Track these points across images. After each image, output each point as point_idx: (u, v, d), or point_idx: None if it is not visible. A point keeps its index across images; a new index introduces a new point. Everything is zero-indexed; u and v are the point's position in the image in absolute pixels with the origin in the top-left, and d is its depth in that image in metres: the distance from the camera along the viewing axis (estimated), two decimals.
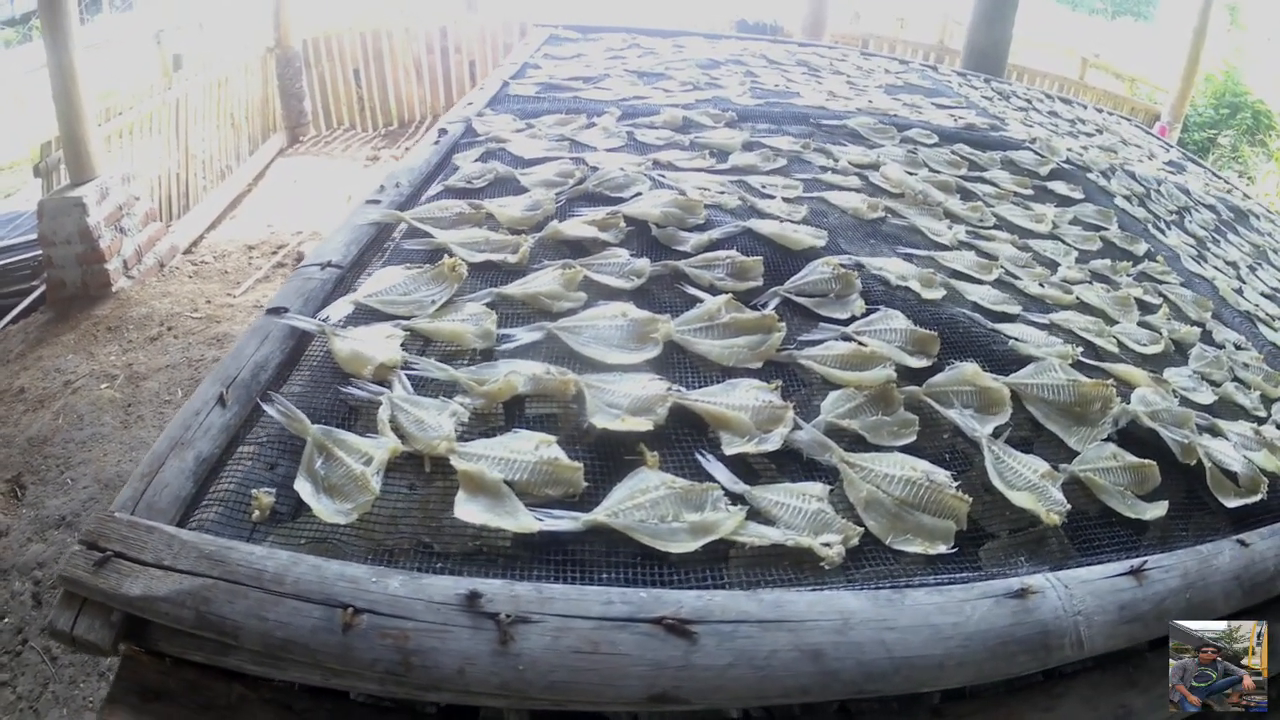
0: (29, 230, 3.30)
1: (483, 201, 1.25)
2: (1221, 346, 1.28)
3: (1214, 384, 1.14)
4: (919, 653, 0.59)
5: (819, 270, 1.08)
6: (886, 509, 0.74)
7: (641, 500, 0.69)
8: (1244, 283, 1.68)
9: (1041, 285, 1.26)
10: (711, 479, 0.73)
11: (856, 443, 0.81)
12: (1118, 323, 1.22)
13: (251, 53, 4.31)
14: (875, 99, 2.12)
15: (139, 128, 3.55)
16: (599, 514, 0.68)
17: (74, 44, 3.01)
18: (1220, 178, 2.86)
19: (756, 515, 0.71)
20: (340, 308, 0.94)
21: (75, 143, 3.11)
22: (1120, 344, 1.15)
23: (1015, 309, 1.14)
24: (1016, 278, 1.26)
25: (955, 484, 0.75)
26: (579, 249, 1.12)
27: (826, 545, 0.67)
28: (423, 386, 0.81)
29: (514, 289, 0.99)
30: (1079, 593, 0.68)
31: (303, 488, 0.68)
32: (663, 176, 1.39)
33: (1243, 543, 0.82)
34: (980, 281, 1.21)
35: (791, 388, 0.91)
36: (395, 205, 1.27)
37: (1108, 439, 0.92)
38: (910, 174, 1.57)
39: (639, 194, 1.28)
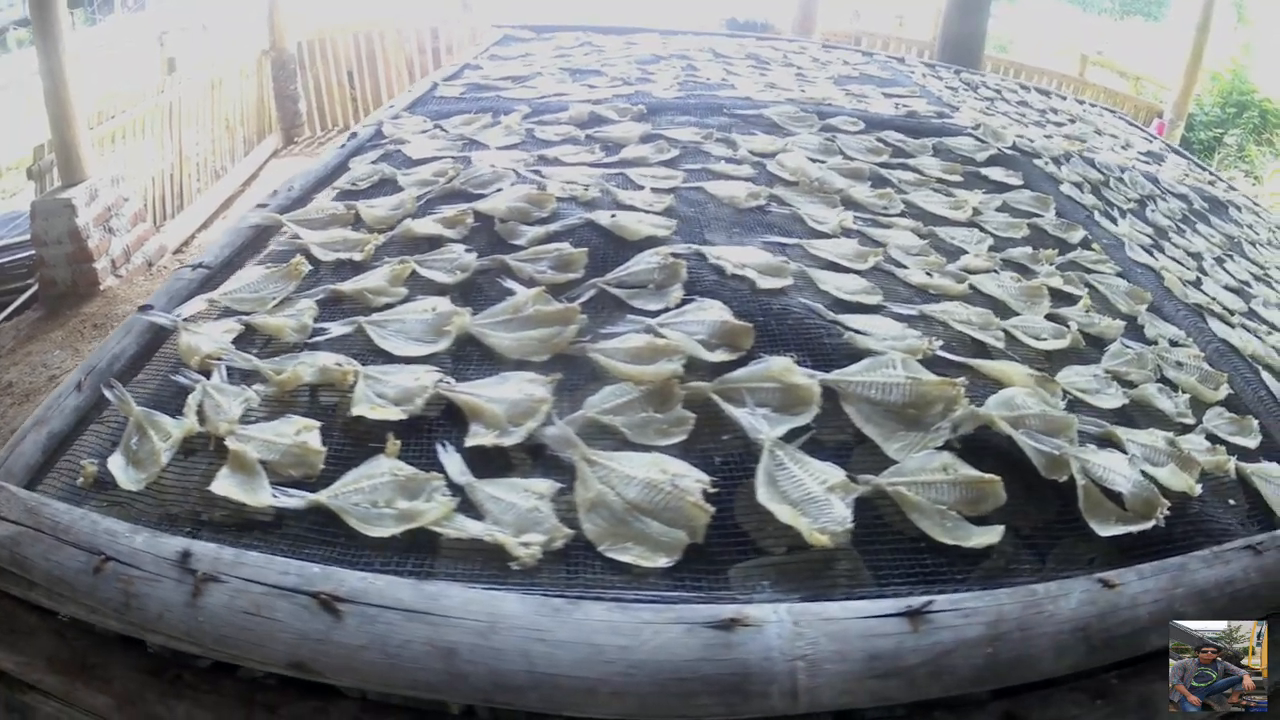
0: (27, 230, 3.52)
1: (356, 202, 1.29)
2: (1154, 342, 1.14)
3: (1129, 385, 1.00)
4: (566, 672, 0.55)
5: (645, 260, 1.03)
6: (614, 512, 0.69)
7: (364, 485, 0.73)
8: (1206, 275, 1.53)
9: (929, 274, 1.13)
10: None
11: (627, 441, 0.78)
12: (1017, 314, 1.09)
13: (247, 55, 4.43)
14: (820, 89, 2.02)
15: (132, 130, 3.67)
16: (322, 495, 0.73)
17: (64, 49, 3.17)
18: (1206, 169, 2.69)
19: (471, 508, 0.71)
20: (194, 305, 1.03)
21: (66, 146, 3.28)
22: (1011, 338, 1.03)
23: (875, 299, 1.03)
24: (903, 266, 1.15)
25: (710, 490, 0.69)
26: (432, 245, 1.13)
27: (524, 545, 0.66)
28: (250, 376, 0.89)
29: (346, 285, 1.04)
30: (811, 633, 0.57)
31: (115, 460, 0.79)
32: (537, 172, 1.36)
33: (1106, 583, 0.66)
34: (850, 270, 1.10)
35: (582, 381, 0.86)
36: (283, 207, 1.33)
37: (945, 447, 0.78)
38: (818, 161, 1.48)
39: (499, 190, 1.26)
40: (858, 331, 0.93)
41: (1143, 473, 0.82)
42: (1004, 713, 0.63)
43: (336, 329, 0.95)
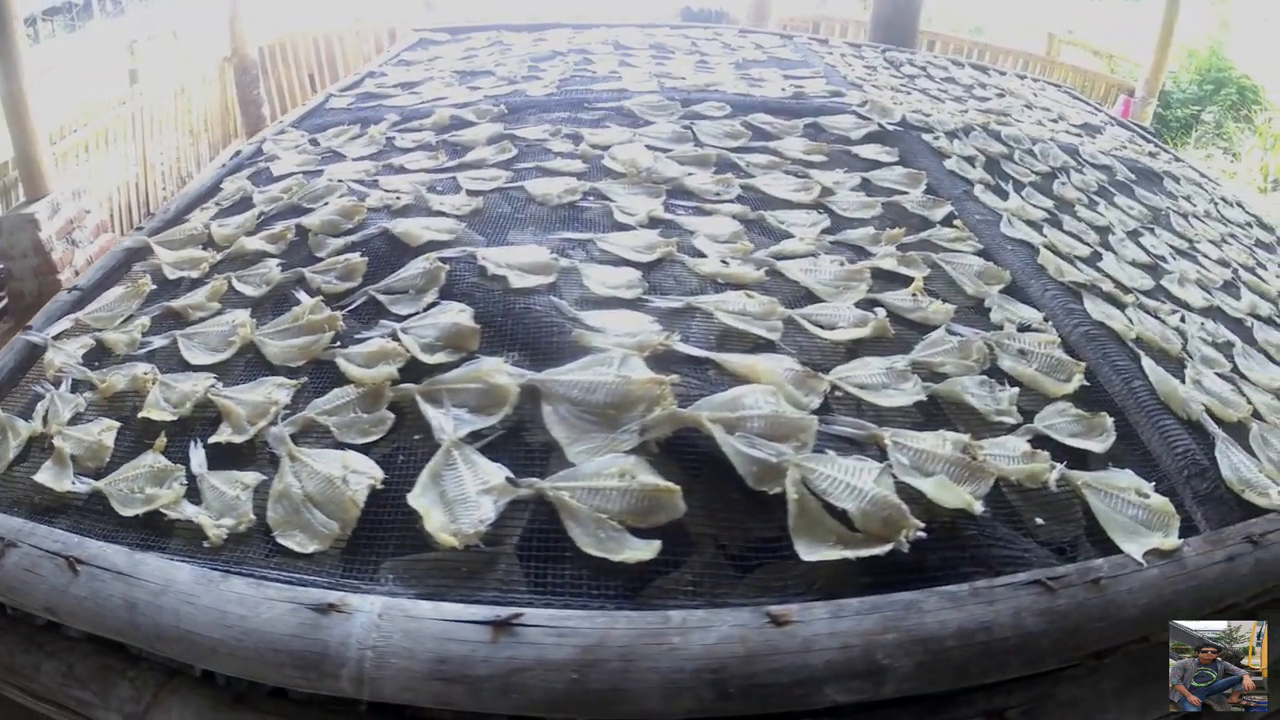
0: None
1: (210, 221, 1.37)
2: (999, 327, 1.03)
3: (935, 378, 0.89)
4: (201, 631, 0.65)
5: (413, 266, 1.04)
6: (293, 502, 0.75)
7: (129, 474, 0.85)
8: (1110, 250, 1.42)
9: (726, 263, 1.05)
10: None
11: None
12: (821, 301, 1.00)
13: (209, 62, 4.47)
14: (714, 76, 1.95)
15: (96, 142, 3.73)
16: (101, 482, 0.85)
17: (23, 68, 3.25)
18: (1153, 141, 2.59)
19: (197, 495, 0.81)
20: (62, 324, 1.16)
21: (28, 162, 3.42)
22: (797, 326, 0.95)
23: (635, 293, 0.98)
24: (702, 255, 1.08)
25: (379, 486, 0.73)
26: (257, 260, 1.20)
27: (219, 527, 0.75)
28: (84, 385, 1.02)
29: (175, 302, 1.14)
30: (389, 627, 0.60)
31: None
32: (375, 183, 1.37)
33: (775, 620, 0.57)
34: (632, 263, 1.05)
35: (331, 385, 0.90)
36: (155, 229, 1.41)
37: (636, 450, 0.73)
38: (664, 150, 1.42)
39: (326, 203, 1.29)
40: (589, 328, 0.89)
41: (900, 485, 0.71)
42: None
43: (157, 341, 1.06)
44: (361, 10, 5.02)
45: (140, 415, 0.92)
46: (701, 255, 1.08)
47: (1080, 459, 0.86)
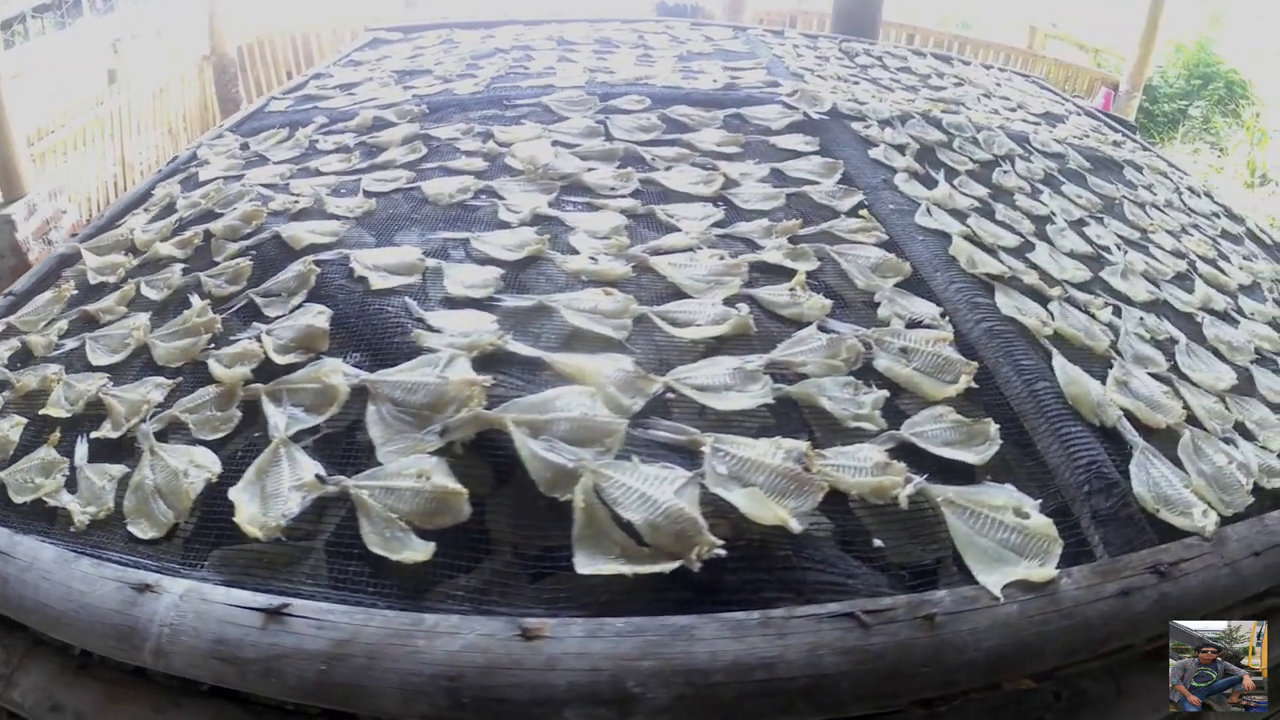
0: None
1: (135, 227, 1.40)
2: (885, 323, 0.98)
3: (788, 382, 0.83)
4: (50, 603, 0.71)
5: (290, 269, 1.06)
6: (144, 493, 0.81)
7: (25, 466, 0.91)
8: (1046, 240, 1.36)
9: (594, 260, 1.02)
10: None
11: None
12: (687, 298, 0.96)
13: (189, 61, 4.55)
14: (651, 70, 1.92)
15: (74, 142, 3.78)
16: (3, 474, 0.91)
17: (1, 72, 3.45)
18: (1120, 130, 2.54)
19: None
20: None
21: (5, 163, 3.51)
22: (649, 325, 0.91)
23: (485, 292, 0.96)
24: (575, 252, 1.05)
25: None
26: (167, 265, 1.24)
27: (84, 514, 0.82)
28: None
29: (90, 306, 1.18)
30: (186, 607, 0.65)
31: None
32: (286, 186, 1.38)
33: (527, 634, 0.55)
34: (497, 262, 1.03)
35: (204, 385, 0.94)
36: (88, 235, 1.45)
37: (440, 451, 0.72)
38: (571, 146, 1.40)
39: (235, 209, 1.31)
40: (429, 329, 0.88)
41: (708, 495, 0.66)
42: None
43: (70, 344, 1.11)
44: (340, 8, 5.06)
45: (40, 412, 0.98)
46: (574, 252, 1.05)
47: (966, 472, 0.79)
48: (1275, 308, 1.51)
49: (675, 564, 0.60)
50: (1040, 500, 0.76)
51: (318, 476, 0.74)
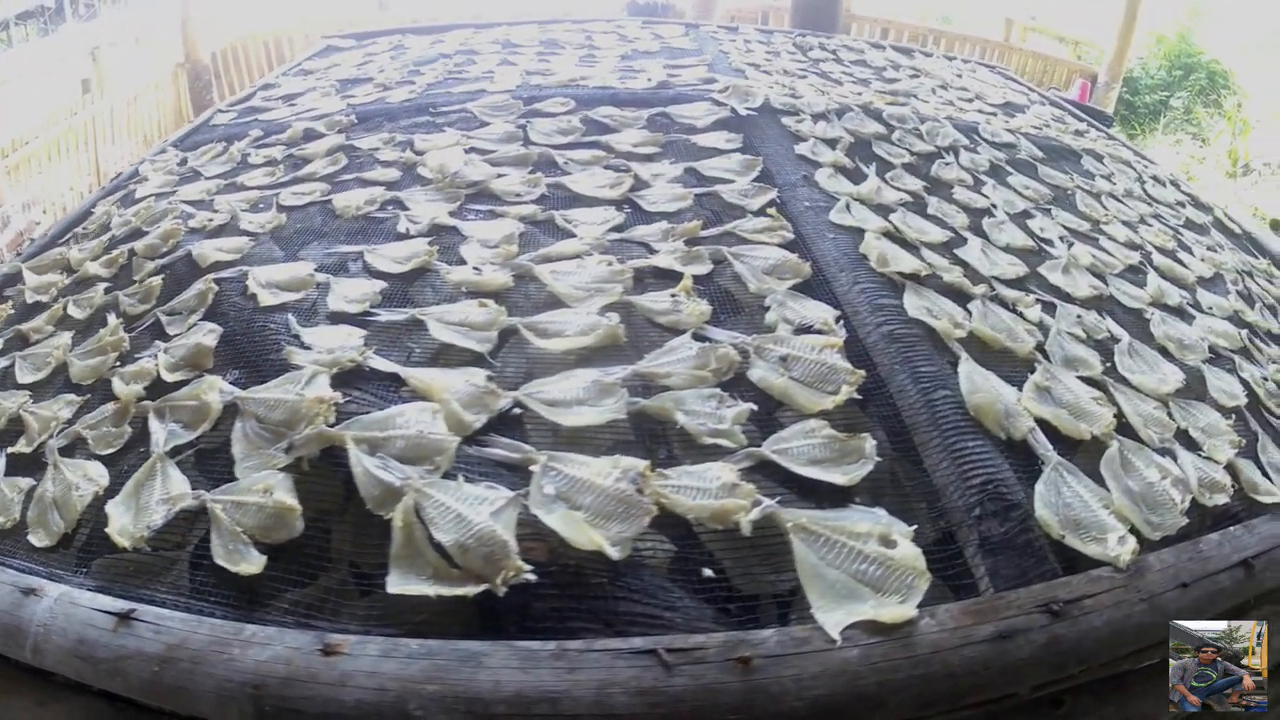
0: None
1: (70, 245, 1.46)
2: (772, 329, 0.94)
3: (662, 389, 0.81)
4: None
5: (194, 288, 1.09)
6: (44, 505, 0.86)
7: None
8: (981, 235, 1.33)
9: (478, 270, 1.02)
10: None
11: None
12: (565, 307, 0.95)
13: (163, 69, 4.62)
14: (591, 71, 1.93)
15: (49, 153, 3.85)
16: None
17: None
18: (1085, 119, 2.50)
19: None
20: None
21: None
22: (514, 338, 0.90)
23: (362, 306, 0.97)
24: (461, 263, 1.05)
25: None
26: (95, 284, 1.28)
27: None
28: None
29: (23, 325, 1.23)
30: (59, 611, 0.69)
31: None
32: (211, 202, 1.41)
33: (328, 649, 0.56)
34: (386, 275, 1.05)
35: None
36: (33, 253, 1.50)
37: (291, 467, 0.74)
38: (485, 152, 1.41)
39: (159, 227, 1.35)
40: (301, 346, 0.90)
41: (529, 518, 0.65)
42: None
43: (1, 362, 1.15)
44: (313, 11, 5.09)
45: None
46: (460, 264, 1.05)
47: (841, 494, 0.73)
48: (1238, 301, 1.45)
49: (481, 588, 0.59)
50: (916, 526, 0.69)
51: (186, 491, 0.78)
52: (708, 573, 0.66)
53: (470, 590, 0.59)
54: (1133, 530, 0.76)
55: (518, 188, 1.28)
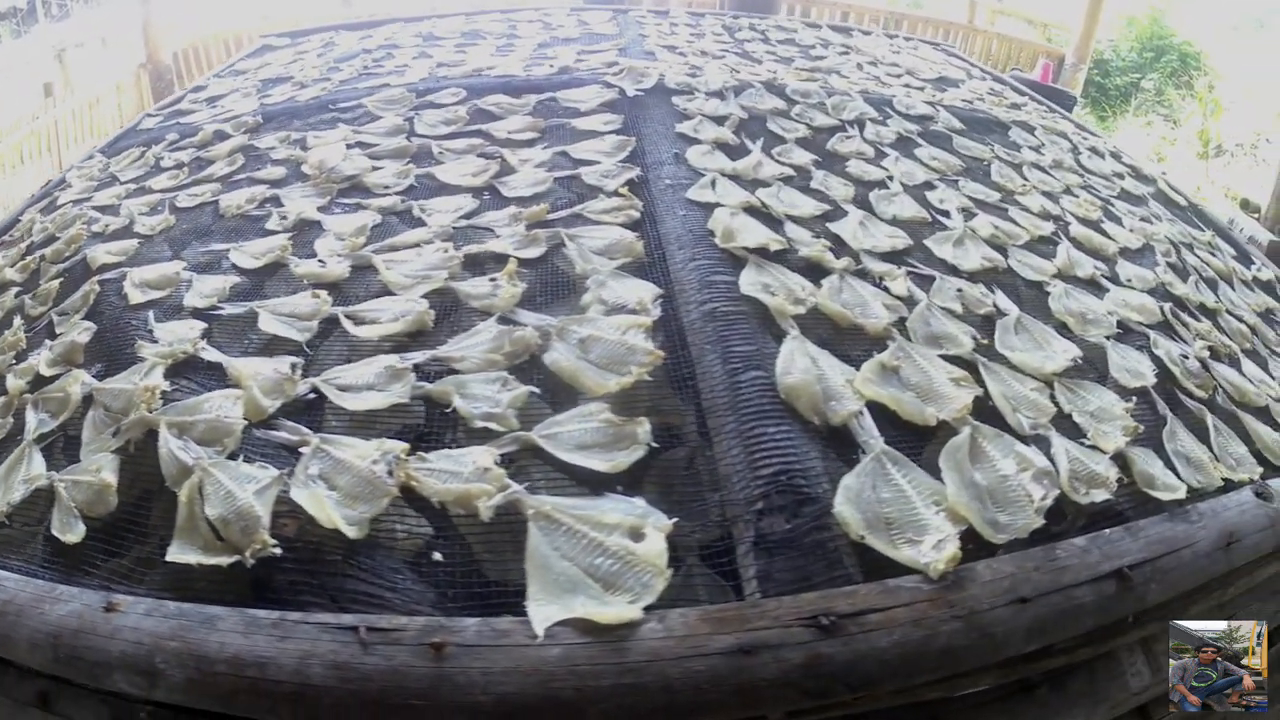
0: None
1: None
2: (584, 309, 0.96)
3: (453, 373, 0.87)
4: None
5: (81, 290, 1.18)
6: None
7: None
8: (868, 208, 1.33)
9: (322, 263, 1.10)
10: None
11: None
12: (392, 295, 1.01)
13: (124, 71, 4.74)
14: (503, 60, 2.00)
15: (11, 160, 3.99)
16: None
17: None
18: (1026, 93, 2.39)
19: None
20: None
21: None
22: (335, 327, 0.96)
23: (209, 301, 1.06)
24: (321, 262, 1.12)
25: None
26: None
27: None
28: None
29: None
30: None
31: None
32: (117, 207, 1.51)
33: (110, 606, 0.66)
34: (248, 271, 1.13)
35: None
36: None
37: (121, 449, 0.81)
38: (367, 147, 1.49)
39: (67, 232, 1.45)
40: (152, 340, 0.98)
41: (285, 501, 0.71)
42: None
43: None
44: (275, 9, 5.17)
45: None
46: (309, 257, 1.13)
47: (626, 480, 0.71)
48: (1168, 273, 1.41)
49: (234, 558, 0.67)
50: (677, 519, 0.66)
51: (48, 476, 0.87)
52: (436, 556, 0.68)
53: (224, 561, 0.67)
54: (971, 532, 0.67)
55: (389, 180, 1.36)
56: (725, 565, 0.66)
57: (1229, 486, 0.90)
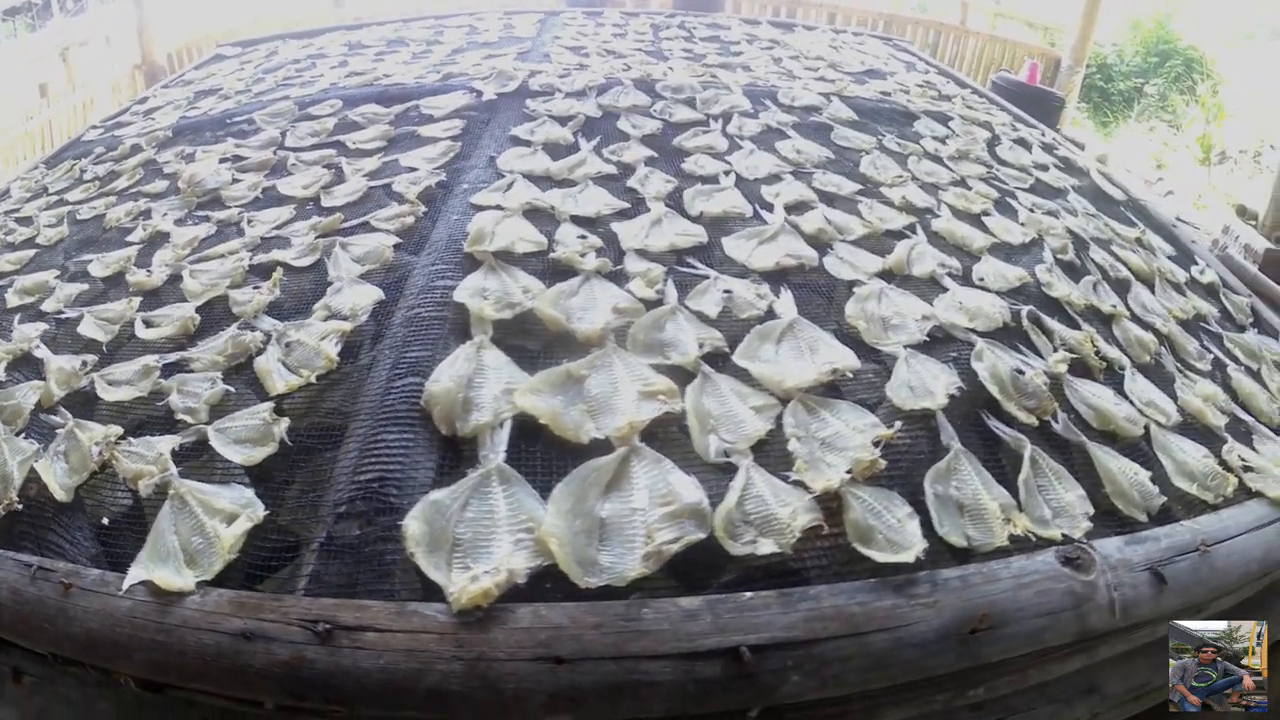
0: None
1: None
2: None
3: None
4: None
5: None
6: None
7: None
8: (676, 206, 1.35)
9: (150, 273, 1.31)
10: None
11: None
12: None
13: (119, 71, 5.04)
14: (410, 68, 2.19)
15: (4, 160, 4.13)
16: None
17: None
18: (970, 85, 2.49)
19: None
20: None
21: None
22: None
23: (58, 306, 1.29)
24: (149, 272, 1.33)
25: None
26: None
27: None
28: None
29: None
30: None
31: None
32: (31, 220, 1.74)
33: None
34: (100, 279, 1.36)
35: None
36: None
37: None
38: (238, 160, 1.68)
39: None
40: (8, 340, 1.23)
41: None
42: None
43: None
44: (267, 11, 5.48)
45: None
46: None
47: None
48: (1051, 272, 1.35)
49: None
50: (270, 512, 0.79)
51: None
52: (105, 521, 0.88)
53: None
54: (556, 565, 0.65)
55: (242, 192, 1.61)
56: (292, 559, 0.78)
57: (1030, 545, 0.76)
